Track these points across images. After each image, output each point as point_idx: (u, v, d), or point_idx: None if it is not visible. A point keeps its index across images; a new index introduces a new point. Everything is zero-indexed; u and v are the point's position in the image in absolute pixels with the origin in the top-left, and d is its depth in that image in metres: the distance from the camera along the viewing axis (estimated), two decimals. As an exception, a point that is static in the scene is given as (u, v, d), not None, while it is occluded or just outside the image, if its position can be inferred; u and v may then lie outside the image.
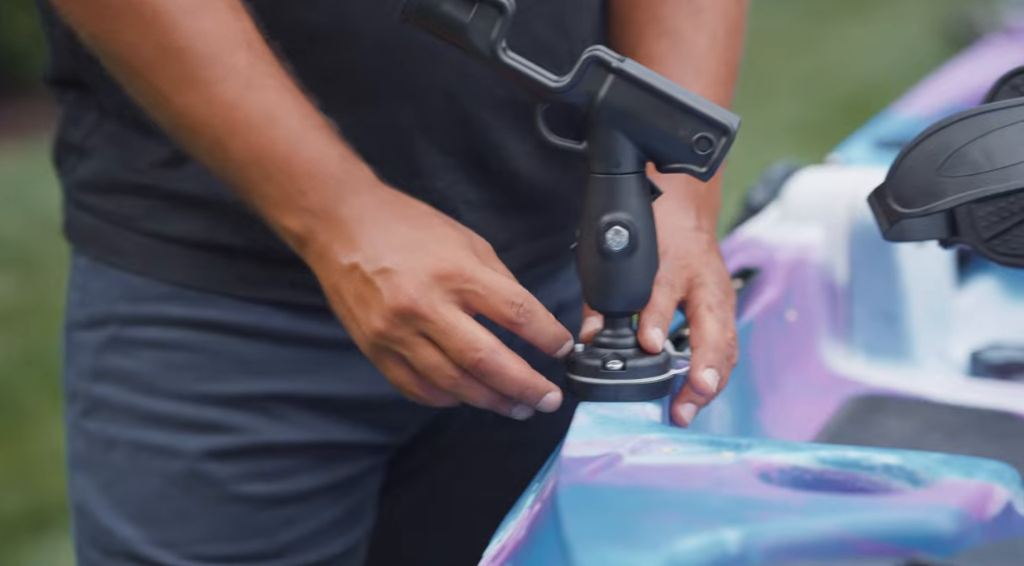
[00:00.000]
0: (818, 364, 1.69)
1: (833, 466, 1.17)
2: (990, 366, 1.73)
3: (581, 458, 1.19)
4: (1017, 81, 1.42)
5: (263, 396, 1.50)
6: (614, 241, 1.27)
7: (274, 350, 1.50)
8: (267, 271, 1.48)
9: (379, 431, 1.54)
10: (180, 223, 1.48)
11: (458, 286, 1.31)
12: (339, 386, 1.51)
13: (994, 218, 1.41)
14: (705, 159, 1.28)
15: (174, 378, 1.50)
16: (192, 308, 1.49)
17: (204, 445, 1.49)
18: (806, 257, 1.70)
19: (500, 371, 1.31)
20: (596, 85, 1.26)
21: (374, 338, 1.33)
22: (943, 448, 1.55)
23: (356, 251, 1.34)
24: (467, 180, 1.48)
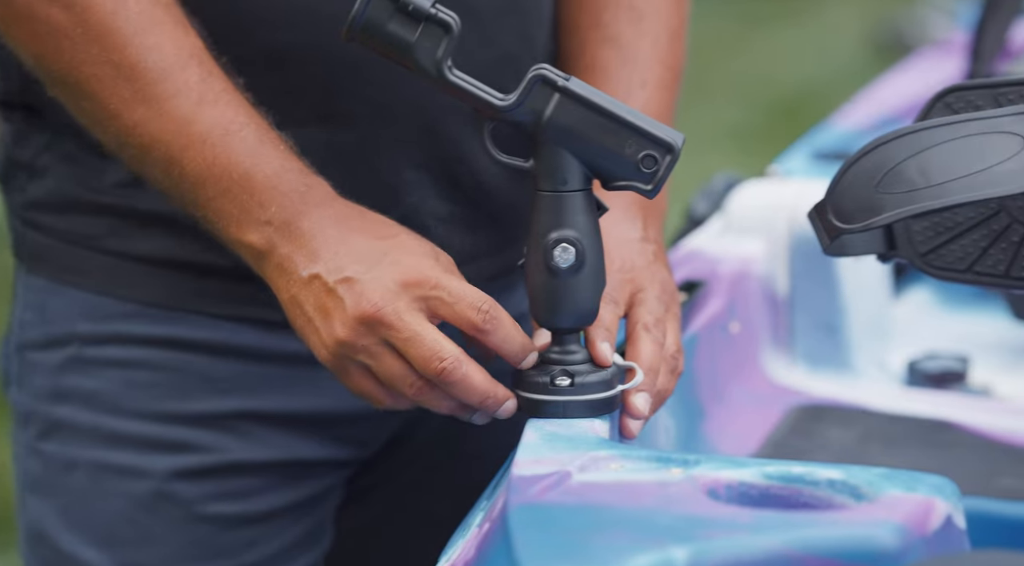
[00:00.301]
0: (761, 375, 1.70)
1: (778, 481, 1.18)
2: (927, 376, 1.75)
3: (531, 476, 1.19)
4: (950, 99, 1.43)
5: (230, 414, 1.49)
6: (561, 258, 1.27)
7: (241, 367, 1.48)
8: (233, 287, 1.47)
9: (344, 447, 1.53)
10: (143, 241, 1.47)
11: (424, 293, 1.31)
12: (306, 402, 1.50)
13: (930, 233, 1.42)
14: (650, 177, 1.28)
15: (139, 397, 1.48)
16: (157, 326, 1.47)
17: (171, 465, 1.48)
18: (748, 269, 1.71)
19: (463, 380, 1.31)
20: (542, 104, 1.26)
21: (336, 347, 1.32)
22: (883, 457, 1.57)
23: (317, 262, 1.33)
24: (437, 195, 1.48)
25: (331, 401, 1.50)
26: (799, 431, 1.61)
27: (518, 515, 1.13)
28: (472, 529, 1.25)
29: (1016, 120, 1.36)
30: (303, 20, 1.41)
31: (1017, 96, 1.40)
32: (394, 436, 1.56)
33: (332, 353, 1.33)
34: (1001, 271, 1.40)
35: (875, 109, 2.22)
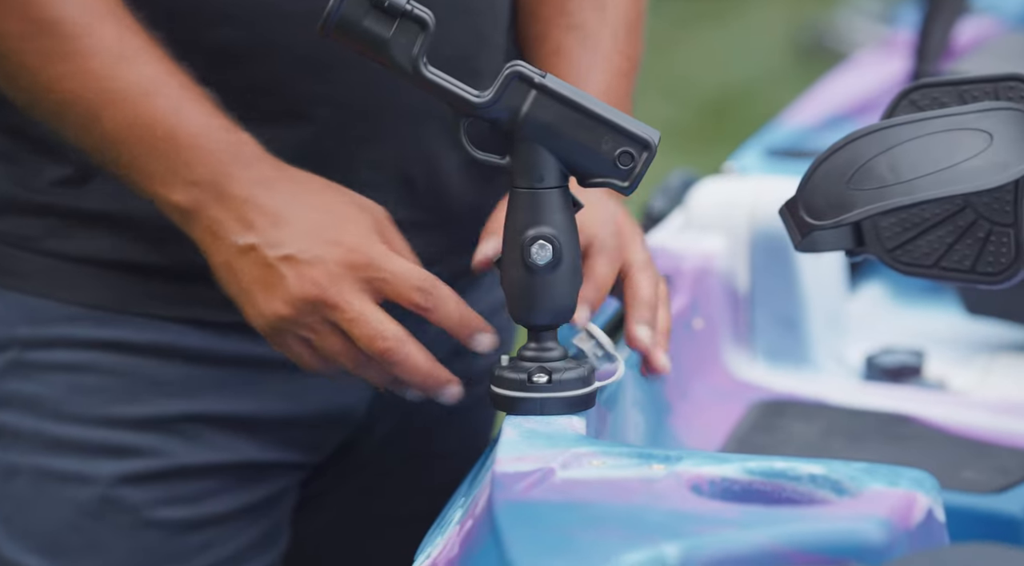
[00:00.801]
0: (723, 370, 1.69)
1: (760, 476, 1.17)
2: (884, 370, 1.74)
3: (514, 474, 1.17)
4: (915, 96, 1.42)
5: (178, 417, 1.44)
6: (539, 255, 1.26)
7: (188, 370, 1.44)
8: (179, 289, 1.43)
9: (296, 450, 1.50)
10: (85, 242, 1.42)
11: (367, 275, 1.30)
12: (255, 405, 1.46)
13: (897, 229, 1.42)
14: (627, 173, 1.27)
15: (84, 401, 1.43)
16: (101, 329, 1.43)
17: (117, 470, 1.43)
18: (710, 265, 1.70)
19: (405, 360, 1.31)
20: (518, 100, 1.24)
21: (276, 321, 1.31)
22: (847, 452, 1.56)
23: (251, 232, 1.31)
24: (395, 198, 1.45)
25: (280, 405, 1.46)
26: (762, 426, 1.60)
27: (506, 512, 1.11)
28: (452, 526, 1.23)
29: (982, 117, 1.36)
30: (260, 17, 1.38)
31: (981, 93, 1.40)
32: (345, 441, 1.53)
33: (270, 325, 1.32)
34: (967, 266, 1.40)
35: (823, 107, 2.22)
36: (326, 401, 1.49)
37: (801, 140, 2.10)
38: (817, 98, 2.26)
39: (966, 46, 2.32)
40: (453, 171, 1.47)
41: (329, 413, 1.49)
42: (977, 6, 2.44)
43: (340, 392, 1.49)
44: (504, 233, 1.27)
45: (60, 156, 1.40)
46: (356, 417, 1.51)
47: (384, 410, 1.52)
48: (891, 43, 2.51)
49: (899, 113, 1.42)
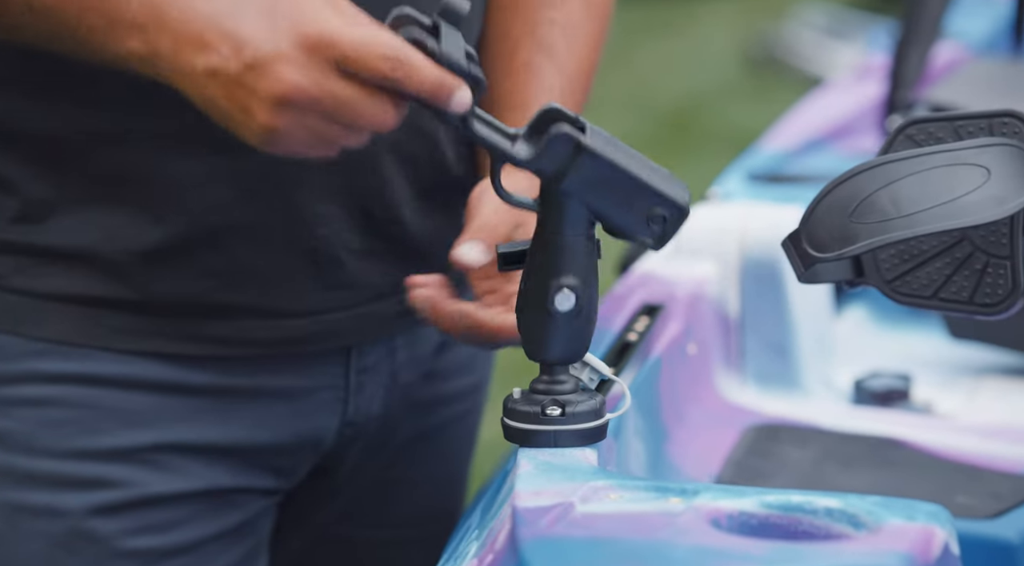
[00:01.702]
0: (715, 395, 1.69)
1: (778, 510, 1.16)
2: (873, 394, 1.75)
3: (536, 508, 1.17)
4: (911, 131, 1.43)
5: (146, 447, 1.42)
6: (562, 303, 1.25)
7: (155, 400, 1.42)
8: (143, 322, 1.41)
9: (267, 476, 1.48)
10: (49, 278, 1.39)
11: (328, 55, 1.18)
12: (223, 433, 1.44)
13: (896, 260, 1.42)
14: (658, 233, 1.26)
15: (53, 435, 1.40)
16: (68, 363, 1.40)
17: (88, 502, 1.41)
18: (702, 291, 1.70)
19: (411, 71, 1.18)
20: (561, 158, 1.22)
21: (268, 136, 1.20)
22: (842, 477, 1.56)
23: (206, 49, 1.20)
24: (350, 228, 1.43)
25: (247, 432, 1.45)
26: (756, 451, 1.60)
27: (532, 549, 1.10)
28: (468, 559, 1.22)
29: (980, 152, 1.36)
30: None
31: (976, 129, 1.41)
32: (316, 467, 1.51)
33: (265, 141, 1.21)
34: (965, 297, 1.40)
35: (801, 132, 2.23)
36: (295, 427, 1.47)
37: (781, 164, 2.11)
38: (794, 123, 2.27)
39: (934, 72, 2.33)
40: (408, 200, 1.45)
41: (299, 439, 1.48)
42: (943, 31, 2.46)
43: (309, 418, 1.47)
44: (526, 273, 1.26)
45: (12, 191, 1.37)
46: (327, 443, 1.49)
47: (355, 435, 1.51)
48: (864, 68, 2.52)
49: (896, 147, 1.43)
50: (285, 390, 1.45)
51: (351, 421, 1.49)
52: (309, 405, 1.46)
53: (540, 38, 1.48)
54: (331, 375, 1.47)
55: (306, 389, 1.46)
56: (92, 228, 1.38)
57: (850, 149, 2.21)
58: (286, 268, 1.42)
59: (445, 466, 1.59)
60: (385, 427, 1.52)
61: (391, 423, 1.52)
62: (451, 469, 1.60)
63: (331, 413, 1.48)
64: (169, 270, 1.39)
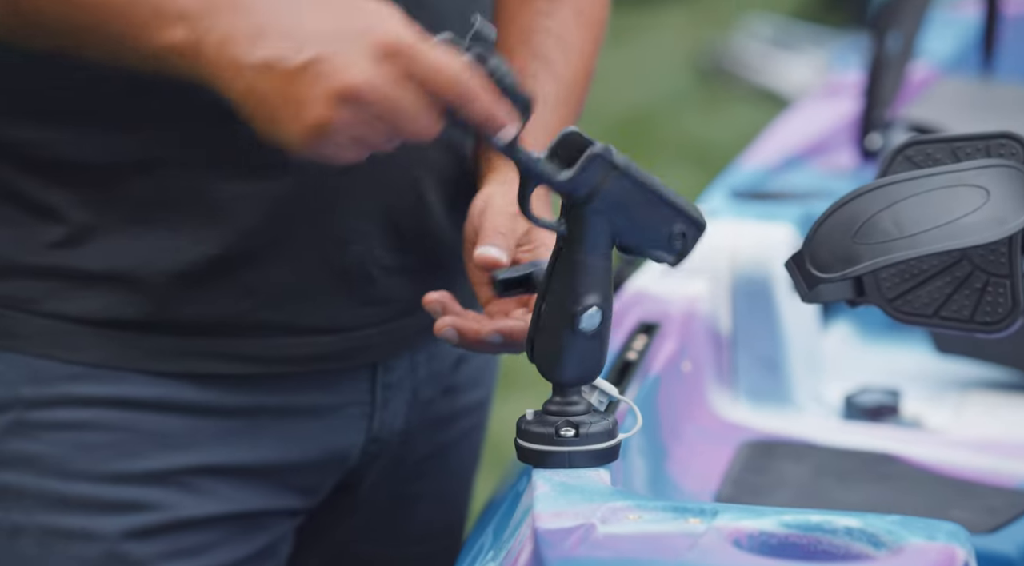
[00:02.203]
0: (709, 412, 1.69)
1: (797, 530, 1.17)
2: (863, 409, 1.75)
3: (558, 530, 1.16)
4: (910, 152, 1.44)
5: (181, 470, 1.41)
6: (588, 323, 1.25)
7: (189, 422, 1.41)
8: (176, 343, 1.40)
9: (294, 496, 1.48)
10: (84, 302, 1.38)
11: (403, 64, 1.17)
12: (254, 453, 1.44)
13: (896, 280, 1.43)
14: (678, 251, 1.28)
15: (89, 459, 1.39)
16: (103, 386, 1.39)
17: (123, 525, 1.40)
18: (695, 309, 1.70)
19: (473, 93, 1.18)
20: (596, 179, 1.23)
21: (317, 134, 1.18)
22: (840, 493, 1.57)
23: (264, 42, 1.17)
24: (382, 245, 1.43)
25: (277, 452, 1.44)
26: (753, 468, 1.61)
27: (560, 571, 1.10)
28: (488, 579, 1.22)
29: (979, 173, 1.37)
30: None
31: (974, 150, 1.42)
32: (340, 483, 1.51)
33: (311, 139, 1.18)
34: (966, 316, 1.41)
35: (778, 149, 2.23)
36: (324, 444, 1.47)
37: (762, 181, 2.11)
38: (771, 141, 2.28)
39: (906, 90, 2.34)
40: (439, 216, 1.46)
41: (327, 456, 1.47)
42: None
43: (337, 435, 1.47)
44: (549, 295, 1.26)
45: (57, 218, 1.37)
46: (352, 459, 1.49)
47: (379, 451, 1.51)
48: (836, 85, 2.53)
49: (895, 168, 1.44)
50: (313, 407, 1.45)
51: (376, 437, 1.49)
52: (337, 421, 1.46)
53: (535, 47, 1.48)
54: (358, 391, 1.47)
55: (334, 406, 1.46)
56: (128, 252, 1.37)
57: (827, 166, 2.22)
58: (319, 286, 1.41)
59: (453, 482, 1.59)
60: (405, 443, 1.52)
61: (410, 439, 1.52)
62: (458, 485, 1.59)
63: (358, 429, 1.47)
64: (204, 291, 1.39)
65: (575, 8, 1.49)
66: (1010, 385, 1.87)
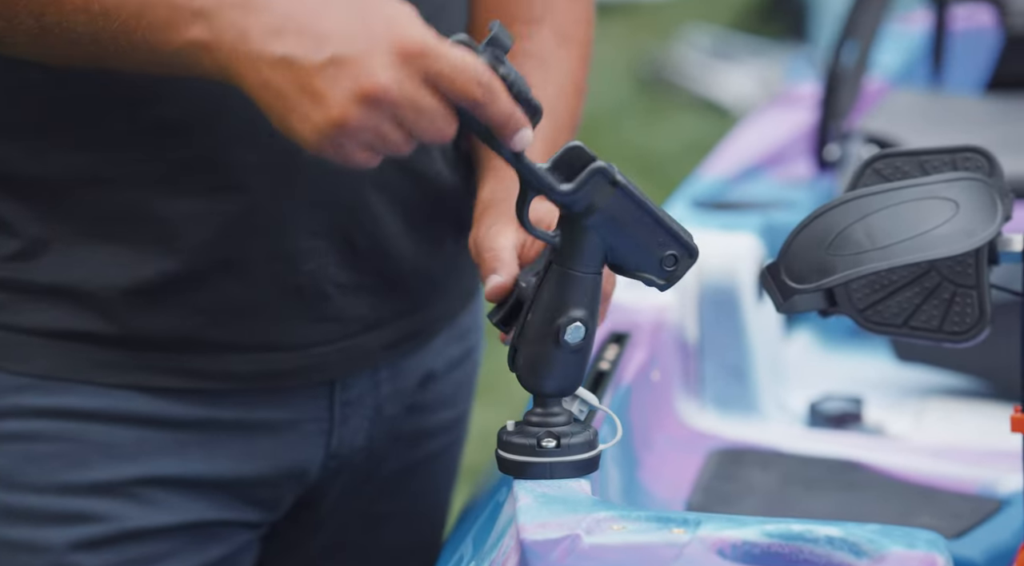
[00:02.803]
0: (677, 420, 1.69)
1: (779, 539, 1.16)
2: (827, 417, 1.76)
3: (543, 541, 1.16)
4: (879, 165, 1.44)
5: (130, 481, 1.39)
6: (572, 336, 1.24)
7: (138, 433, 1.39)
8: (127, 356, 1.38)
9: (251, 509, 1.45)
10: (35, 314, 1.36)
11: (425, 65, 1.16)
12: (207, 466, 1.41)
13: (867, 290, 1.43)
14: (668, 274, 1.26)
15: (36, 470, 1.37)
16: (52, 397, 1.37)
17: (71, 537, 1.37)
18: (663, 319, 1.70)
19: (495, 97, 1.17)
20: (595, 194, 1.22)
21: (332, 131, 1.16)
22: (808, 500, 1.57)
23: (280, 40, 1.16)
24: (337, 263, 1.40)
25: (231, 465, 1.42)
26: (722, 476, 1.61)
27: (549, 583, 1.10)
28: (472, 590, 1.21)
29: (948, 186, 1.38)
30: (195, 91, 1.31)
31: (940, 163, 1.42)
32: (301, 499, 1.49)
33: (325, 136, 1.16)
34: (935, 326, 1.41)
35: (736, 160, 2.24)
36: (280, 460, 1.44)
37: (722, 191, 2.12)
38: (729, 151, 2.28)
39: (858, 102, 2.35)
40: (395, 234, 1.43)
41: (283, 472, 1.45)
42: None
43: (294, 451, 1.45)
44: (536, 305, 1.25)
45: (10, 232, 1.35)
46: (311, 475, 1.47)
47: (339, 467, 1.48)
48: (790, 97, 2.54)
49: (864, 181, 1.44)
50: (270, 423, 1.43)
51: (335, 453, 1.47)
52: (294, 438, 1.44)
53: (529, 48, 1.46)
54: (316, 408, 1.45)
55: (291, 422, 1.44)
56: (80, 266, 1.35)
57: (785, 176, 2.23)
58: (272, 304, 1.39)
59: (428, 499, 1.57)
60: (370, 460, 1.50)
61: (376, 456, 1.50)
62: (433, 502, 1.58)
63: (316, 446, 1.46)
64: (155, 307, 1.37)
65: (555, 31, 1.48)
66: (968, 392, 1.88)
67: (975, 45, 2.64)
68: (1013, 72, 2.51)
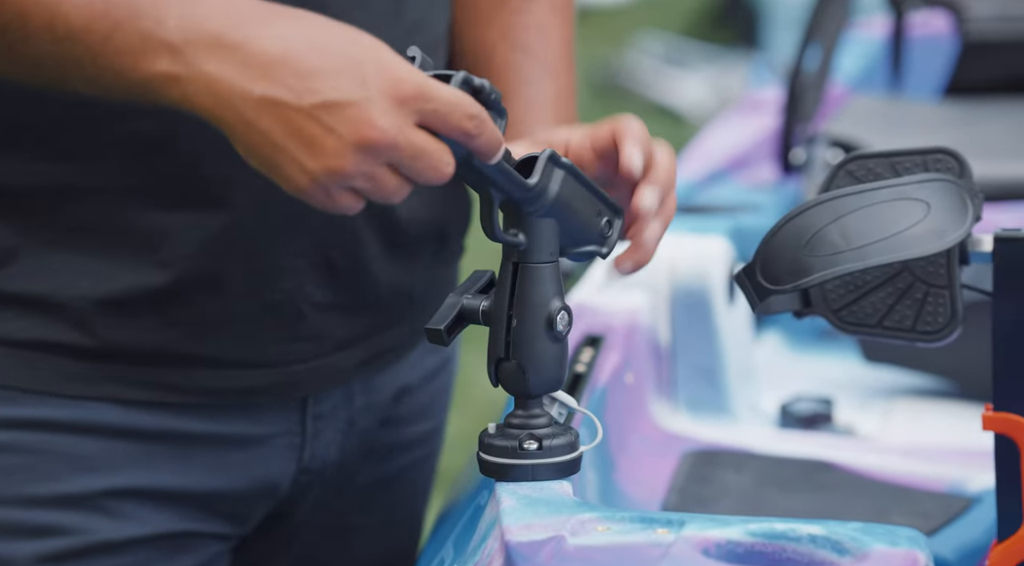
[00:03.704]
0: (650, 422, 1.69)
1: (763, 538, 1.16)
2: (798, 418, 1.76)
3: (528, 543, 1.15)
4: (851, 167, 1.44)
5: (98, 493, 1.36)
6: (562, 324, 1.24)
7: (107, 445, 1.35)
8: (97, 369, 1.34)
9: (221, 521, 1.43)
10: (3, 324, 1.33)
11: (420, 107, 1.13)
12: (176, 479, 1.38)
13: (841, 291, 1.43)
14: (607, 239, 1.29)
15: (2, 482, 1.33)
16: (18, 408, 1.33)
17: (37, 550, 1.34)
18: (636, 321, 1.70)
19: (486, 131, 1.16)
20: (549, 181, 1.23)
21: (326, 178, 1.13)
22: (783, 500, 1.57)
23: (266, 81, 1.12)
24: (314, 282, 1.38)
25: (200, 479, 1.39)
26: (697, 477, 1.60)
27: (537, 584, 1.09)
28: (456, 593, 1.20)
29: (920, 187, 1.38)
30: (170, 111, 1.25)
31: (912, 164, 1.43)
32: (272, 513, 1.46)
33: (317, 182, 1.13)
34: (908, 326, 1.42)
35: (702, 164, 2.24)
36: (251, 474, 1.42)
37: (690, 195, 2.12)
38: (694, 156, 2.28)
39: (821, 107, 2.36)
40: (375, 255, 1.42)
41: (254, 486, 1.43)
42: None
43: (265, 465, 1.43)
44: (517, 308, 1.24)
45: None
46: (282, 489, 1.45)
47: (311, 481, 1.46)
48: (752, 102, 2.54)
49: (838, 182, 1.44)
50: (240, 437, 1.41)
51: (307, 468, 1.45)
52: (265, 452, 1.42)
53: (514, 40, 1.48)
54: (287, 422, 1.43)
55: (262, 436, 1.42)
56: (51, 276, 1.33)
57: (750, 180, 2.23)
58: (247, 320, 1.37)
59: (402, 510, 1.55)
60: (342, 473, 1.48)
61: (348, 469, 1.48)
62: (408, 513, 1.56)
63: (287, 460, 1.43)
64: (130, 319, 1.34)
65: (550, 1, 1.50)
66: (934, 392, 1.89)
67: (933, 51, 2.65)
68: (970, 78, 2.53)
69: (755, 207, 2.07)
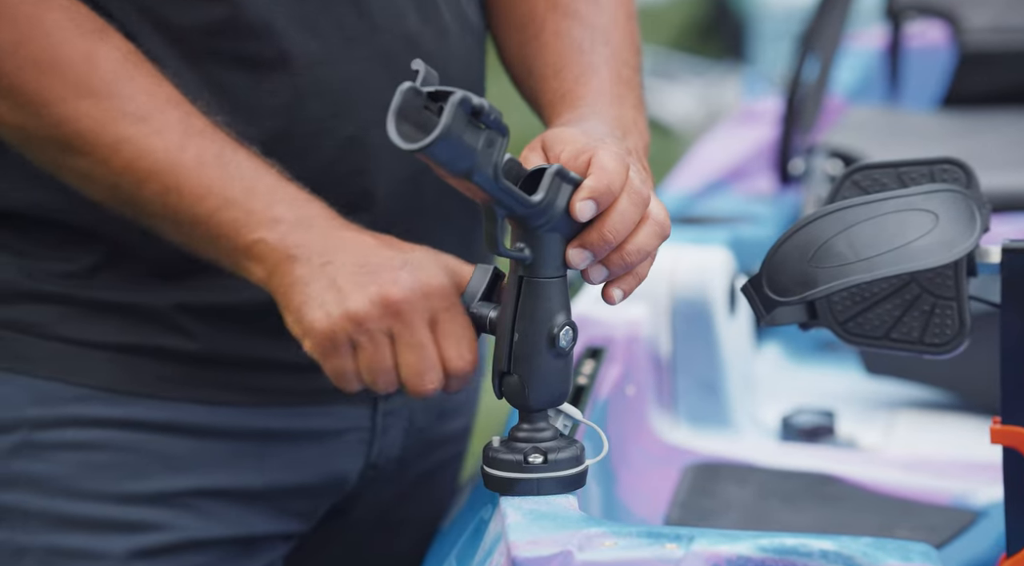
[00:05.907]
0: (652, 435, 1.67)
1: (773, 554, 1.14)
2: (800, 430, 1.74)
3: (535, 558, 1.13)
4: (857, 177, 1.42)
5: (187, 492, 1.39)
6: (565, 340, 1.22)
7: (196, 445, 1.39)
8: (189, 372, 1.38)
9: (291, 519, 1.45)
10: (97, 328, 1.36)
11: (438, 309, 1.26)
12: (260, 477, 1.42)
13: (848, 303, 1.41)
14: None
15: (96, 479, 1.37)
16: (111, 408, 1.37)
17: (130, 545, 1.37)
18: (636, 333, 1.68)
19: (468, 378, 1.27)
20: (556, 195, 1.20)
21: (342, 321, 1.24)
22: (786, 514, 1.55)
23: (336, 254, 1.25)
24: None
25: (283, 475, 1.42)
26: (700, 491, 1.58)
27: (546, 601, 1.06)
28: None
29: (928, 198, 1.36)
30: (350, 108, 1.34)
31: (919, 175, 1.41)
32: (334, 508, 1.49)
33: (334, 326, 1.24)
34: (915, 338, 1.39)
35: (700, 174, 2.22)
36: (323, 468, 1.45)
37: (688, 206, 2.10)
38: (692, 166, 2.26)
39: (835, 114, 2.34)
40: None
41: (325, 480, 1.46)
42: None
43: (337, 460, 1.45)
44: (519, 323, 1.22)
45: (70, 255, 1.36)
46: (350, 483, 1.47)
47: (375, 476, 1.49)
48: (748, 113, 2.52)
49: (844, 192, 1.42)
50: (316, 433, 1.43)
51: (374, 463, 1.47)
52: (337, 446, 1.44)
53: (563, 8, 1.46)
54: (359, 417, 1.45)
55: (336, 431, 1.44)
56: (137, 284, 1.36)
57: (748, 190, 2.21)
58: None
59: (434, 507, 1.57)
60: (400, 467, 1.50)
61: (404, 465, 1.50)
62: (435, 512, 1.57)
63: (356, 455, 1.46)
64: (228, 328, 1.37)
65: None
66: (936, 404, 1.87)
67: (930, 62, 2.64)
68: (967, 88, 2.51)
69: (754, 218, 2.05)
